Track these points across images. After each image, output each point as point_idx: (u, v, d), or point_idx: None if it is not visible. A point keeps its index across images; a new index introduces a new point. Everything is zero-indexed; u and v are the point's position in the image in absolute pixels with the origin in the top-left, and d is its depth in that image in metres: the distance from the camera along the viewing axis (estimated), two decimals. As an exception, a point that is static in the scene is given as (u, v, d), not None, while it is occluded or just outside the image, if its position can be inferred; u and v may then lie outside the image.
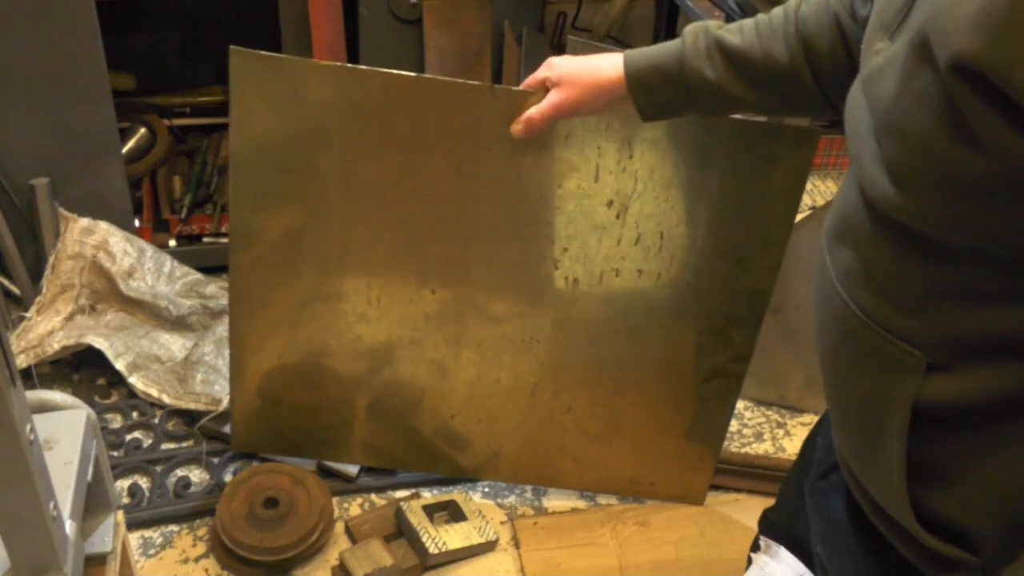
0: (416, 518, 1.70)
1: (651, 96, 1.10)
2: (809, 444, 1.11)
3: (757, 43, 1.04)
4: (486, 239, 1.55)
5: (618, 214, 1.52)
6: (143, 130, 2.48)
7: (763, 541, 1.18)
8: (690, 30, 1.08)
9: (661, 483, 1.83)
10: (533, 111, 1.24)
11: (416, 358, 1.69)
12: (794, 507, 1.08)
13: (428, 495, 1.82)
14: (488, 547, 1.73)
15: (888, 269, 0.71)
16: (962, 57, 0.58)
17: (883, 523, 0.81)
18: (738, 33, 1.05)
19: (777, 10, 1.06)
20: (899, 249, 0.70)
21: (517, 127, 1.29)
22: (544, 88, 1.24)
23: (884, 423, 0.75)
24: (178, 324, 2.08)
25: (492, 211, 1.51)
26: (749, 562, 1.22)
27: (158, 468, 1.83)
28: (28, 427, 0.85)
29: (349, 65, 1.43)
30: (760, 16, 1.07)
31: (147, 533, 1.72)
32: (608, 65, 1.12)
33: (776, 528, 1.19)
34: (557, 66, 1.21)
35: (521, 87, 1.31)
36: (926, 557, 0.77)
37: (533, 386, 1.72)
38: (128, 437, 1.90)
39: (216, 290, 2.16)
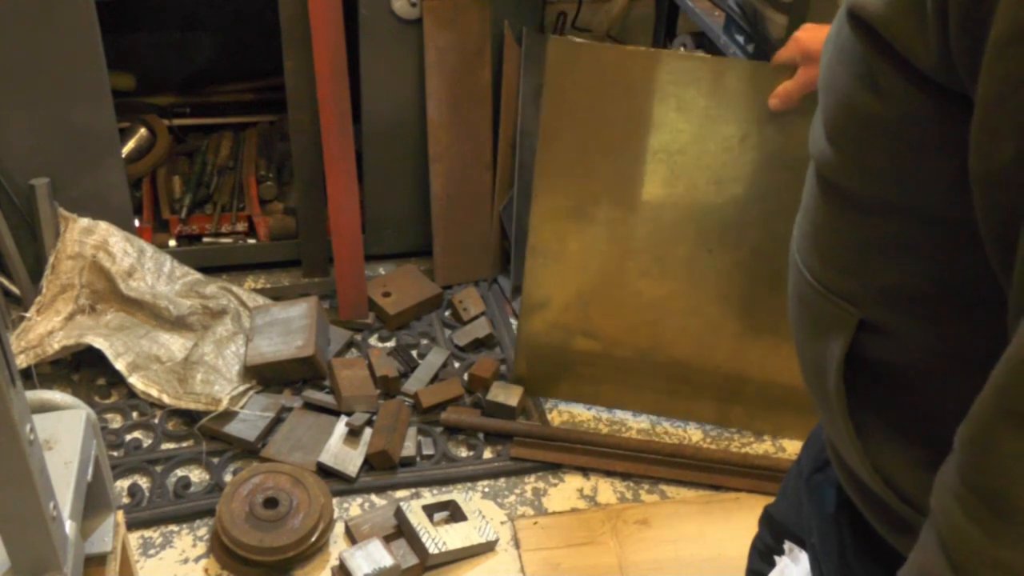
0: (416, 518, 1.70)
1: None
2: (811, 441, 1.11)
3: None
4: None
5: None
6: (143, 130, 2.48)
7: (787, 545, 1.19)
8: None
9: None
10: (788, 84, 1.48)
11: (689, 312, 1.88)
12: (793, 502, 1.08)
13: (428, 495, 1.82)
14: (488, 547, 1.73)
15: (827, 228, 0.74)
16: (854, 7, 0.61)
17: (858, 495, 0.82)
18: None
19: None
20: (832, 207, 0.73)
21: (775, 100, 1.52)
22: (793, 64, 1.44)
23: (826, 381, 0.77)
24: (178, 324, 2.08)
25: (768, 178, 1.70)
26: (749, 560, 1.22)
27: (158, 468, 1.83)
28: (28, 427, 0.85)
29: (650, 49, 1.76)
30: None
31: (147, 533, 1.72)
32: None
33: (776, 523, 1.19)
34: (801, 41, 1.39)
35: (773, 63, 1.52)
36: (888, 520, 0.78)
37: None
38: (128, 437, 1.90)
39: (216, 290, 2.16)
